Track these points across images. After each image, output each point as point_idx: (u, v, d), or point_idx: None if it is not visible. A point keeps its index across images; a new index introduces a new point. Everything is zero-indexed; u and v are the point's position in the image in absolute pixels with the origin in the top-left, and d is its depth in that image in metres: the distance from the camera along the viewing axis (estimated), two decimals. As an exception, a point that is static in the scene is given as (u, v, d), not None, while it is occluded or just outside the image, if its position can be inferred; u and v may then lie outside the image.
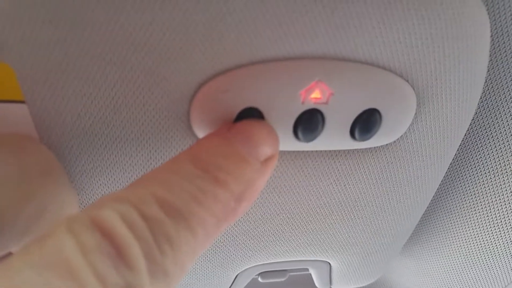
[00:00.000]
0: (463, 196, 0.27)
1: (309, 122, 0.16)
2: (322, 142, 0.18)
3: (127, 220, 0.10)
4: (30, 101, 0.15)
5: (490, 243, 0.27)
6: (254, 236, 0.23)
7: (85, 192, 0.18)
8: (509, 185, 0.24)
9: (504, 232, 0.26)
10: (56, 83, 0.15)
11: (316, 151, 0.19)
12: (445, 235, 0.30)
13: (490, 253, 0.28)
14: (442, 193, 0.28)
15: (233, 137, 0.13)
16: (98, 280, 0.09)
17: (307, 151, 0.19)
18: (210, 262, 0.24)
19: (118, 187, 0.18)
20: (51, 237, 0.09)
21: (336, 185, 0.20)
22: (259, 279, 0.29)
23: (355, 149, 0.19)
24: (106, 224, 0.10)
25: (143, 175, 0.12)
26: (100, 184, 0.18)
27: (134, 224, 0.10)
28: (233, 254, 0.24)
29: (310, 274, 0.30)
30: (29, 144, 0.15)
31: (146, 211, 0.10)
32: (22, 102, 0.15)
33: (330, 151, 0.19)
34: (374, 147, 0.19)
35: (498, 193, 0.25)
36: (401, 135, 0.19)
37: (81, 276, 0.09)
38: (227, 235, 0.22)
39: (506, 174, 0.24)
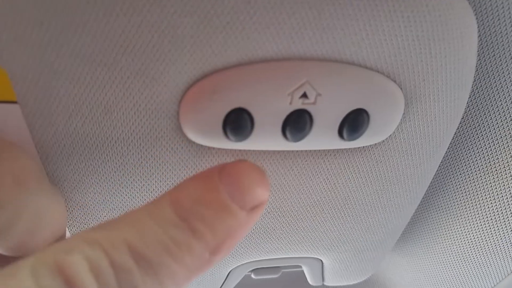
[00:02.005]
0: (454, 194, 0.27)
1: (297, 122, 0.17)
2: (310, 142, 0.18)
3: (94, 267, 0.10)
4: (22, 101, 0.15)
5: (481, 240, 0.28)
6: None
7: (76, 191, 0.18)
8: (499, 183, 0.24)
9: (495, 229, 0.27)
10: (48, 84, 0.15)
11: (306, 150, 0.19)
12: (437, 233, 0.30)
13: (481, 250, 0.28)
14: (434, 191, 0.28)
15: (221, 183, 0.13)
16: None
17: (297, 151, 0.19)
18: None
19: (108, 186, 0.19)
20: (13, 277, 0.09)
21: (326, 184, 0.21)
22: (252, 275, 0.30)
23: (344, 149, 0.20)
24: (71, 271, 0.09)
25: (121, 215, 0.12)
26: (92, 183, 0.18)
27: (101, 272, 0.10)
28: None
29: (303, 272, 0.31)
30: (5, 152, 0.15)
31: (115, 258, 0.10)
32: (14, 102, 0.16)
33: (319, 150, 0.19)
34: (363, 147, 0.19)
35: (489, 191, 0.25)
36: (390, 135, 0.19)
37: None
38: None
39: (496, 172, 0.24)
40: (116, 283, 0.10)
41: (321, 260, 0.28)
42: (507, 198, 0.25)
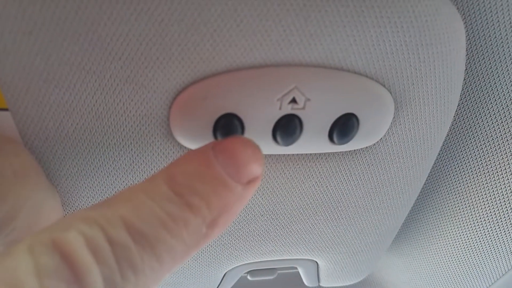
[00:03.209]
0: (447, 195, 0.27)
1: (287, 127, 0.17)
2: (301, 146, 0.18)
3: (91, 244, 0.10)
4: (13, 109, 0.16)
5: (475, 241, 0.28)
6: (239, 236, 0.23)
7: (70, 195, 0.19)
8: (492, 184, 0.25)
9: (488, 230, 0.27)
10: (38, 92, 0.15)
11: (297, 154, 0.19)
12: (431, 233, 0.30)
13: (475, 251, 0.28)
14: (427, 193, 0.28)
15: (215, 158, 0.13)
16: None
17: (289, 155, 0.19)
18: (197, 262, 0.24)
19: (102, 190, 0.19)
20: (10, 256, 0.09)
21: (318, 187, 0.21)
22: (248, 277, 0.30)
23: (335, 152, 0.20)
24: (68, 247, 0.09)
25: (117, 193, 0.12)
26: (85, 188, 0.19)
27: (98, 248, 0.10)
28: (220, 253, 0.24)
29: (299, 273, 0.31)
30: (6, 146, 0.15)
31: (112, 235, 0.10)
32: (5, 109, 0.16)
33: (310, 154, 0.19)
34: (354, 150, 0.20)
35: (481, 192, 0.25)
36: (380, 139, 0.19)
37: None
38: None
39: (488, 173, 0.24)
40: (114, 258, 0.10)
41: (316, 262, 0.28)
42: (499, 199, 0.25)
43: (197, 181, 0.12)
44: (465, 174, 0.25)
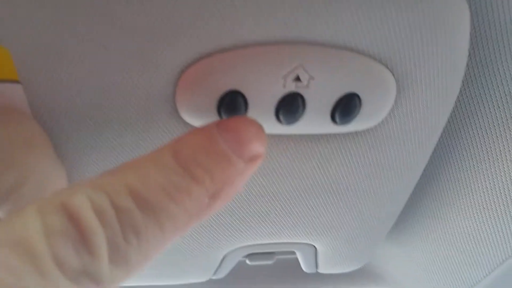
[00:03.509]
0: (447, 183, 0.28)
1: (290, 105, 0.17)
2: (303, 126, 0.18)
3: (97, 208, 0.10)
4: (24, 82, 0.16)
5: (475, 229, 0.28)
6: (239, 217, 0.23)
7: (76, 169, 0.19)
8: (493, 172, 0.25)
9: (488, 219, 0.27)
10: (49, 65, 0.16)
11: (299, 135, 0.20)
12: (430, 222, 0.31)
13: (475, 239, 0.29)
14: (427, 180, 0.29)
15: (219, 134, 0.13)
16: (56, 264, 0.09)
17: (290, 135, 0.20)
18: (197, 242, 0.25)
19: (107, 165, 0.19)
20: (19, 216, 0.10)
21: (319, 168, 0.21)
22: (247, 261, 0.30)
23: (337, 134, 0.20)
24: (75, 209, 0.10)
25: (123, 163, 0.12)
26: (91, 162, 0.19)
27: (103, 212, 0.10)
28: (219, 234, 0.25)
29: (297, 259, 0.31)
30: (16, 115, 0.15)
31: (117, 201, 0.10)
32: (17, 82, 0.16)
33: (312, 135, 0.20)
34: (355, 132, 0.20)
35: (482, 179, 0.26)
36: (382, 120, 0.19)
37: (39, 256, 0.09)
38: (212, 215, 0.23)
39: (489, 160, 0.25)
40: (118, 223, 0.10)
41: (314, 246, 0.28)
42: (500, 187, 0.25)
43: (201, 154, 0.12)
44: (465, 161, 0.26)
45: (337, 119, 0.18)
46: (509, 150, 0.23)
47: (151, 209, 0.11)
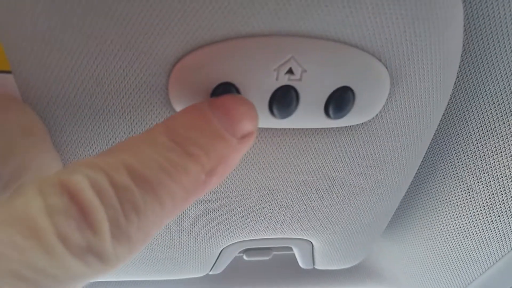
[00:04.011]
0: (443, 179, 0.28)
1: (283, 98, 0.17)
2: (297, 119, 0.18)
3: (96, 186, 0.10)
4: (16, 72, 0.16)
5: (471, 226, 0.28)
6: (235, 212, 0.23)
7: (69, 160, 0.19)
8: (488, 168, 0.25)
9: (484, 215, 0.27)
10: (40, 55, 0.16)
11: (294, 129, 0.20)
12: (427, 219, 0.30)
13: (471, 236, 0.29)
14: (423, 177, 0.29)
15: (211, 112, 0.13)
16: (60, 240, 0.09)
17: (285, 129, 0.20)
18: (193, 237, 0.25)
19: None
20: (21, 196, 0.10)
21: (314, 163, 0.21)
22: (244, 257, 0.30)
23: (332, 128, 0.20)
24: (75, 188, 0.10)
25: (117, 143, 0.12)
26: (85, 154, 0.19)
27: (103, 190, 0.10)
28: (216, 229, 0.25)
29: (294, 255, 0.31)
30: (14, 104, 0.15)
31: (115, 179, 0.11)
32: (8, 72, 0.16)
33: (307, 129, 0.20)
34: (350, 126, 0.20)
35: (478, 175, 0.26)
36: (376, 115, 0.19)
37: (44, 235, 0.09)
38: (208, 210, 0.23)
39: (485, 156, 0.25)
40: (118, 201, 0.10)
41: (311, 242, 0.28)
42: (496, 183, 0.25)
43: (195, 132, 0.13)
44: (461, 158, 0.26)
45: (331, 113, 0.18)
46: (505, 146, 0.23)
47: (149, 186, 0.11)
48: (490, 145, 0.24)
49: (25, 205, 0.10)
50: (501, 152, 0.24)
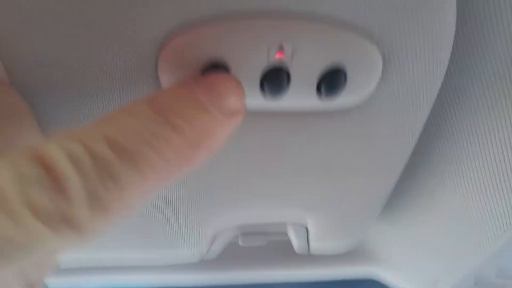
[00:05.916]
0: (438, 162, 0.28)
1: (274, 78, 0.17)
2: (289, 100, 0.18)
3: (72, 156, 0.10)
4: (3, 54, 0.16)
5: (468, 209, 0.28)
6: (229, 194, 0.23)
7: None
8: (481, 151, 0.25)
9: (479, 198, 0.27)
10: (27, 37, 0.15)
11: (287, 112, 0.20)
12: (422, 201, 0.31)
13: (468, 220, 0.29)
14: (418, 159, 0.29)
15: (197, 87, 0.13)
16: (26, 205, 0.09)
17: (278, 112, 0.20)
18: (187, 219, 0.25)
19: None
20: None
21: (307, 145, 0.21)
22: (240, 242, 0.30)
23: (324, 111, 0.20)
24: (50, 158, 0.10)
25: (100, 117, 0.12)
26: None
27: (79, 160, 0.10)
28: (210, 211, 0.25)
29: (290, 242, 0.31)
30: None
31: (94, 149, 0.10)
32: None
33: (299, 112, 0.20)
34: (343, 109, 0.20)
35: (472, 158, 0.26)
36: (369, 97, 0.19)
37: (10, 203, 0.09)
38: (202, 192, 0.23)
39: (479, 139, 0.24)
40: (95, 170, 0.10)
41: (306, 227, 0.28)
42: (490, 166, 0.25)
43: (179, 104, 0.12)
44: (455, 141, 0.26)
45: (323, 93, 0.18)
46: (498, 129, 0.23)
47: (129, 157, 0.11)
48: (483, 128, 0.24)
49: None
50: (494, 136, 0.24)
